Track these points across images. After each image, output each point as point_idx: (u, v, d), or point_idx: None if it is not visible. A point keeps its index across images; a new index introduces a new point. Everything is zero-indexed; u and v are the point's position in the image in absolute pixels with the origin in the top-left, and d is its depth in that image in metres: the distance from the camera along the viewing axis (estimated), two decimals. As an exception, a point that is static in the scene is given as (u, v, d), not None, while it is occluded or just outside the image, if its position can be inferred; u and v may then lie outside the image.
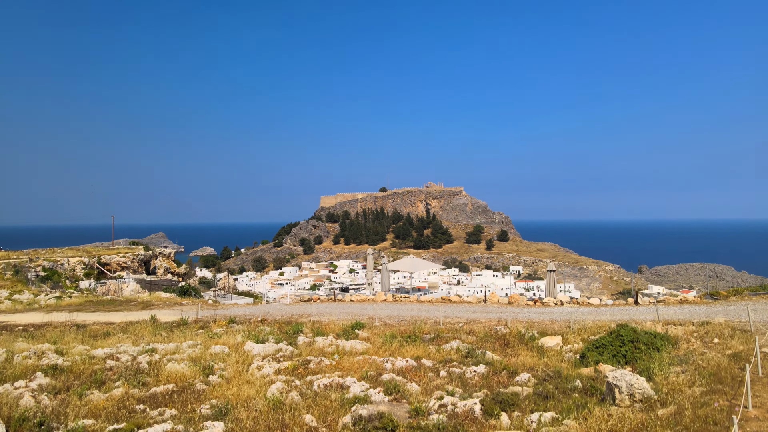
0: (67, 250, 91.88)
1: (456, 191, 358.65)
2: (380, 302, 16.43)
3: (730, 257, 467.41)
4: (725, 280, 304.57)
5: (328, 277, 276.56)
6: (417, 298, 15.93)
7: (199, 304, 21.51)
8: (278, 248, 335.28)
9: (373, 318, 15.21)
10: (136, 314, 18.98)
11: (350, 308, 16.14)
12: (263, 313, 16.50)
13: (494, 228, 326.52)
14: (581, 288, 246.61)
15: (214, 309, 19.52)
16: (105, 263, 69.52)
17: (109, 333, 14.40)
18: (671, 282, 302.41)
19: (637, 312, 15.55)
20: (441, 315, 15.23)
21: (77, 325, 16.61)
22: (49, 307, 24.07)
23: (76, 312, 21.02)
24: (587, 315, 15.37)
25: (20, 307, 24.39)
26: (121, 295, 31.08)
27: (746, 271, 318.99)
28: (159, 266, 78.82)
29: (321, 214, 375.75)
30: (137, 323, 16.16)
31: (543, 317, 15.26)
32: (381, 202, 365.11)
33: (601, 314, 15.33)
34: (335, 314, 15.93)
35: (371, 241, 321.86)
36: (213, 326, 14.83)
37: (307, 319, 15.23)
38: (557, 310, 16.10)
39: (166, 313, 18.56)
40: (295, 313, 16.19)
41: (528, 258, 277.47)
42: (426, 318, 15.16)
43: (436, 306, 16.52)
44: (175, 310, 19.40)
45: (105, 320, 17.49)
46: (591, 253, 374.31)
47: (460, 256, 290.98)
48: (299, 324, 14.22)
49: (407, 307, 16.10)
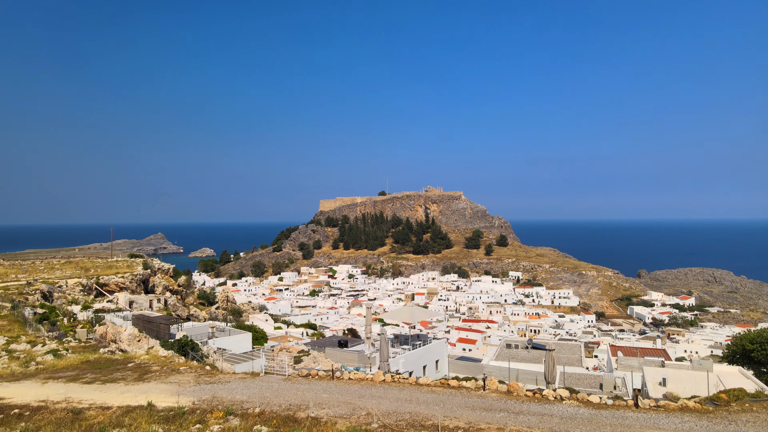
0: (66, 266, 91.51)
1: (455, 196, 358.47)
2: (379, 383, 16.31)
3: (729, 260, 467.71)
4: (724, 284, 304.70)
5: (327, 282, 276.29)
6: (416, 380, 15.82)
7: (197, 370, 21.37)
8: (277, 253, 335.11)
9: (370, 414, 15.05)
10: (133, 390, 18.86)
11: (349, 394, 15.99)
12: (261, 399, 16.37)
13: (493, 233, 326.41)
14: (580, 294, 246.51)
15: (212, 380, 19.38)
16: (104, 284, 69.33)
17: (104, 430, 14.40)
18: (670, 287, 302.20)
19: (636, 422, 15.34)
20: (439, 413, 15.08)
21: (73, 411, 16.52)
22: (47, 370, 23.94)
23: (72, 382, 20.91)
24: (585, 427, 15.12)
25: (16, 367, 24.25)
26: (119, 340, 30.95)
27: (745, 275, 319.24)
28: (158, 284, 78.57)
29: (320, 218, 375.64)
30: (134, 411, 16.07)
31: (542, 424, 15.08)
32: (380, 207, 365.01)
33: (600, 426, 15.07)
34: (333, 404, 15.79)
35: (370, 246, 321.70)
36: (210, 419, 14.72)
37: (304, 414, 15.09)
38: (557, 411, 15.89)
39: (164, 390, 18.43)
40: (293, 402, 16.06)
41: (527, 263, 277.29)
42: (424, 418, 14.99)
43: (435, 394, 16.37)
44: (172, 383, 19.25)
45: (101, 402, 17.39)
46: (590, 257, 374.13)
47: (459, 261, 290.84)
48: (297, 429, 14.07)
49: (406, 395, 15.95)
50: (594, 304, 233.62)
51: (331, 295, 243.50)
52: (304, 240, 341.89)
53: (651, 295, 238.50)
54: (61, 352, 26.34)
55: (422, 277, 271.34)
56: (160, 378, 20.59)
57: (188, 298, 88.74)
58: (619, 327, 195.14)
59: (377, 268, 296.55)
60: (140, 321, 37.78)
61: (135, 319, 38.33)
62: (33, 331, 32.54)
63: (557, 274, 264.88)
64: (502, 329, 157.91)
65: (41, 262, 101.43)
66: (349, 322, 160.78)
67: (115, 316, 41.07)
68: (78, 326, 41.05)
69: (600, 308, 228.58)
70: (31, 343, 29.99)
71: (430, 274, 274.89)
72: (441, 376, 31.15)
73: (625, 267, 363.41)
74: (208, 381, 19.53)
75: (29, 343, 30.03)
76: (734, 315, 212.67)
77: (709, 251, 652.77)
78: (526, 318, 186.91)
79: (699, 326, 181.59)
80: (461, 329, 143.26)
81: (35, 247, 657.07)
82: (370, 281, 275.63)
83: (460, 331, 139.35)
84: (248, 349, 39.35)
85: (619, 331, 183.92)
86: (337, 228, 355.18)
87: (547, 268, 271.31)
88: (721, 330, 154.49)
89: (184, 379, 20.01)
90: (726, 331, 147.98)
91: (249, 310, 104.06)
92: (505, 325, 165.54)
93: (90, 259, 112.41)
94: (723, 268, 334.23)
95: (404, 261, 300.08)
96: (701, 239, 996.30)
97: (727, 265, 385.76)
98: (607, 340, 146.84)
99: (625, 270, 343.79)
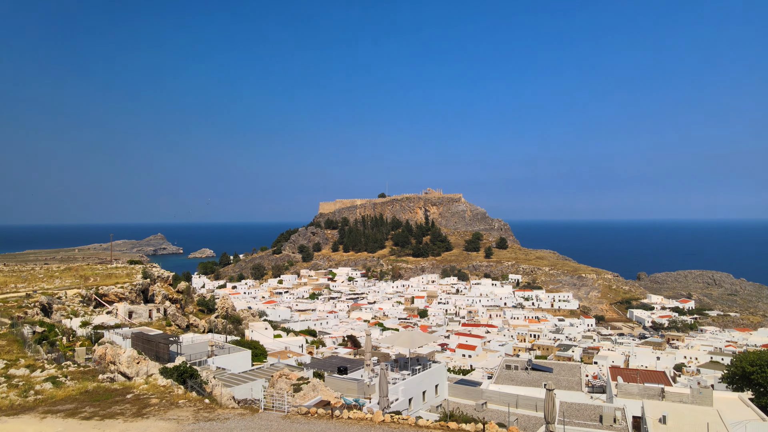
0: (65, 274, 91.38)
1: (455, 198, 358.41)
2: (378, 424, 16.28)
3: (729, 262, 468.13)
4: (724, 287, 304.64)
5: (327, 285, 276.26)
6: (415, 421, 15.77)
7: (196, 403, 21.37)
8: (277, 255, 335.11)
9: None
10: (132, 429, 18.89)
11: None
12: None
13: (493, 235, 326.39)
14: (580, 297, 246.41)
15: (211, 416, 19.38)
16: (103, 294, 69.27)
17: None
18: (670, 289, 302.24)
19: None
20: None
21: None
22: (45, 401, 23.95)
23: (71, 417, 20.91)
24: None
25: (14, 396, 24.25)
26: (119, 362, 30.97)
27: (744, 278, 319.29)
28: (157, 294, 78.52)
29: (320, 220, 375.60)
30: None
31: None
32: (380, 209, 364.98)
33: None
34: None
35: (370, 249, 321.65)
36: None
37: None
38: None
39: (162, 429, 18.46)
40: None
41: (527, 266, 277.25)
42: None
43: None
44: (170, 419, 19.25)
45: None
46: (590, 259, 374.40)
47: (458, 264, 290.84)
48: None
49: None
50: (594, 307, 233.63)
51: (331, 299, 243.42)
52: (303, 242, 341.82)
53: (650, 298, 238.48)
54: (60, 379, 26.29)
55: (422, 280, 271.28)
56: (159, 413, 20.54)
57: (188, 307, 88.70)
58: (619, 331, 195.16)
59: (377, 271, 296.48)
60: (139, 340, 37.75)
61: (134, 337, 38.30)
62: (32, 353, 32.49)
63: (557, 277, 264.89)
64: (501, 333, 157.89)
65: (41, 269, 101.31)
66: (349, 327, 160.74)
67: (114, 333, 41.05)
68: (77, 343, 41.01)
69: (600, 311, 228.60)
70: (29, 367, 29.93)
71: (430, 277, 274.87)
72: (441, 400, 31.19)
73: (624, 269, 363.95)
74: (206, 418, 19.49)
75: (28, 368, 29.97)
76: (734, 319, 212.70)
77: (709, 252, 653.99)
78: (525, 322, 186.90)
79: (698, 330, 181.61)
80: (461, 334, 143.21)
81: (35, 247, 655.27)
82: (369, 284, 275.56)
83: (459, 337, 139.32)
84: (248, 367, 39.33)
85: (618, 335, 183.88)
86: (336, 230, 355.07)
87: (547, 270, 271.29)
88: (721, 335, 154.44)
89: (183, 415, 19.97)
90: (725, 336, 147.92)
91: (248, 317, 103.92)
92: (505, 329, 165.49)
93: (89, 265, 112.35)
94: (723, 271, 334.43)
95: (404, 264, 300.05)
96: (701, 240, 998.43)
97: (727, 267, 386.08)
98: (607, 345, 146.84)
99: (625, 272, 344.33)
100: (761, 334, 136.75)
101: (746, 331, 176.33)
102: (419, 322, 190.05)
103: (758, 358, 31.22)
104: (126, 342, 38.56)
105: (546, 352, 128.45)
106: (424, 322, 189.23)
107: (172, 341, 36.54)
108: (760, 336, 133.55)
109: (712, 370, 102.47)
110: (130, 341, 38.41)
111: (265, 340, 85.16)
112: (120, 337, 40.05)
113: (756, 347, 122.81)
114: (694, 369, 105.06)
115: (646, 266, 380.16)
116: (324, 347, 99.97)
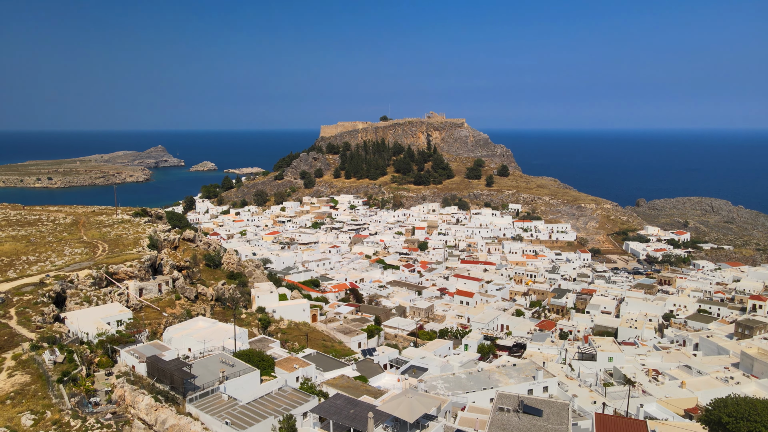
0: (73, 235, 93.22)
1: (458, 123, 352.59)
2: None
3: (729, 184, 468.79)
4: (721, 214, 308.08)
5: (329, 214, 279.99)
6: None
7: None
8: (279, 181, 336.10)
9: None
10: None
11: None
12: None
13: (495, 162, 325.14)
14: (578, 228, 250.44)
15: None
16: (113, 273, 71.54)
17: None
18: (668, 216, 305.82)
19: None
20: None
21: None
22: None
23: None
24: None
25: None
26: (138, 408, 33.40)
27: (742, 205, 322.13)
28: (165, 264, 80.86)
29: (321, 144, 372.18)
30: None
31: None
32: (382, 133, 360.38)
33: None
34: None
35: (372, 176, 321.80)
36: None
37: None
38: None
39: None
40: None
41: (527, 195, 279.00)
42: None
43: None
44: None
45: None
46: (590, 185, 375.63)
47: (459, 192, 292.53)
48: None
49: None
50: (591, 238, 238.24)
51: (333, 228, 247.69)
52: (305, 168, 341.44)
53: (647, 229, 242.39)
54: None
55: (423, 209, 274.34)
56: None
57: (196, 267, 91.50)
58: (614, 265, 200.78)
59: (378, 199, 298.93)
60: (154, 369, 40.20)
61: (149, 364, 40.73)
62: (56, 399, 34.90)
63: (556, 207, 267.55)
64: (499, 273, 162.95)
65: (48, 226, 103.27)
66: (351, 267, 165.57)
67: (130, 354, 43.43)
68: (95, 362, 43.53)
69: (596, 243, 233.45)
70: (56, 423, 32.47)
71: (431, 206, 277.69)
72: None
73: (625, 193, 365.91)
74: None
75: (54, 424, 32.51)
76: (727, 252, 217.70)
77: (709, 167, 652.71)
78: (523, 258, 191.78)
79: (691, 265, 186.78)
80: (459, 276, 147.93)
81: (36, 158, 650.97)
82: (371, 213, 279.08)
83: (458, 280, 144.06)
84: (256, 387, 42.21)
85: (613, 270, 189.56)
86: (338, 155, 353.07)
87: (547, 200, 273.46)
88: (712, 275, 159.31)
89: None
90: (716, 278, 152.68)
91: (253, 271, 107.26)
92: (503, 267, 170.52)
93: (94, 215, 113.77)
94: (722, 197, 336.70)
95: (405, 192, 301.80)
96: (703, 152, 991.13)
97: (726, 192, 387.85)
98: (601, 285, 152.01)
99: (625, 197, 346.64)
100: (751, 278, 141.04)
101: (738, 265, 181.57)
102: (419, 257, 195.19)
103: (735, 410, 33.51)
104: (141, 366, 41.14)
105: (541, 297, 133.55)
106: (423, 257, 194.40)
107: (185, 373, 38.92)
108: (750, 281, 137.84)
109: (699, 322, 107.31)
110: (145, 367, 40.91)
111: (271, 304, 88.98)
112: (135, 359, 42.50)
113: (744, 293, 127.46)
114: (682, 321, 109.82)
115: (646, 192, 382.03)
116: (326, 304, 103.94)
